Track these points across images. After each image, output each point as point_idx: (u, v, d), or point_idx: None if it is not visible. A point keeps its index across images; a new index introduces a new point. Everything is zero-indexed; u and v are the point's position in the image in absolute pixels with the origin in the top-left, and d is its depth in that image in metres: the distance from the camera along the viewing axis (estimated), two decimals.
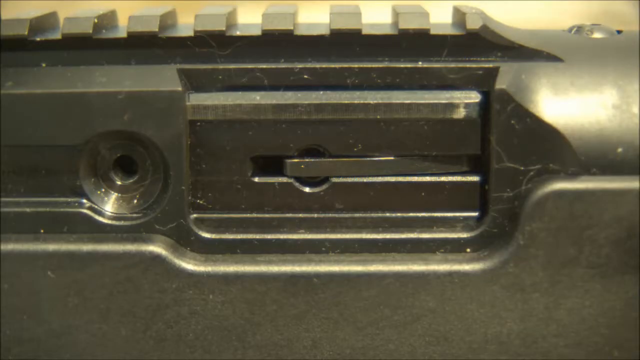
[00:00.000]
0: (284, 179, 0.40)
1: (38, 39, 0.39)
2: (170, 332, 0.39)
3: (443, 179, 0.40)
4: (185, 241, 0.39)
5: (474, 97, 0.39)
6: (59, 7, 0.42)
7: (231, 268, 0.39)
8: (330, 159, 0.40)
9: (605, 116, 0.39)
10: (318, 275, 0.39)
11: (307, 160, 0.39)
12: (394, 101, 0.39)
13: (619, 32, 0.42)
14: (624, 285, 0.39)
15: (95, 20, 0.39)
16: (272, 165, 0.40)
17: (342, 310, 0.39)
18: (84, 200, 0.39)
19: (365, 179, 0.40)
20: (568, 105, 0.39)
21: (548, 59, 0.39)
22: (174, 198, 0.39)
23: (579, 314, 0.39)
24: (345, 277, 0.39)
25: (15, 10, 0.41)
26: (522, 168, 0.39)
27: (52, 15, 0.41)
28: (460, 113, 0.39)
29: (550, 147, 0.39)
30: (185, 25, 0.40)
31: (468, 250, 0.40)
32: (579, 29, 0.41)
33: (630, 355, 0.40)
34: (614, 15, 0.83)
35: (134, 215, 0.39)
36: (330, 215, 0.40)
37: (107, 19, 0.40)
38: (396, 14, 0.40)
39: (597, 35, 0.41)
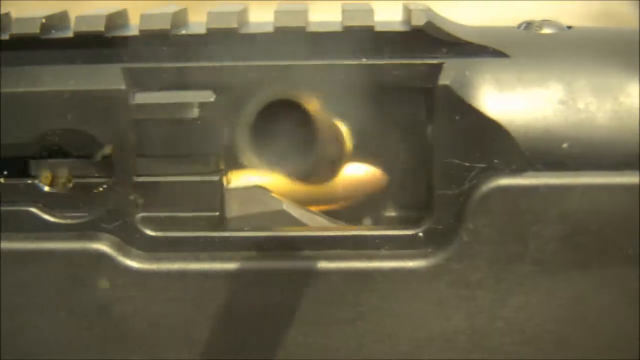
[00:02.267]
0: None
1: None
2: (115, 330, 0.39)
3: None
4: (131, 239, 0.39)
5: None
6: (60, 7, 0.42)
7: (174, 266, 0.39)
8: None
9: (551, 112, 0.39)
10: (261, 272, 0.39)
11: None
12: None
13: (569, 27, 0.41)
14: (570, 281, 0.39)
15: (43, 21, 0.39)
16: None
17: (287, 307, 0.39)
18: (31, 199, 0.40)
19: None
20: (513, 101, 0.39)
21: (494, 55, 0.39)
22: (120, 197, 0.39)
23: (526, 311, 0.39)
24: (288, 273, 0.39)
25: (15, 10, 0.41)
26: (466, 164, 0.39)
27: (6, 17, 0.41)
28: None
29: (495, 143, 0.39)
30: (135, 25, 0.40)
31: (413, 247, 0.39)
32: (528, 25, 0.41)
33: (577, 351, 0.39)
34: (613, 15, 0.83)
35: (81, 214, 0.40)
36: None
37: (57, 19, 0.40)
38: (342, 11, 0.40)
39: (545, 30, 0.41)
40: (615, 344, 0.39)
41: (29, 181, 0.39)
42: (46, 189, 0.40)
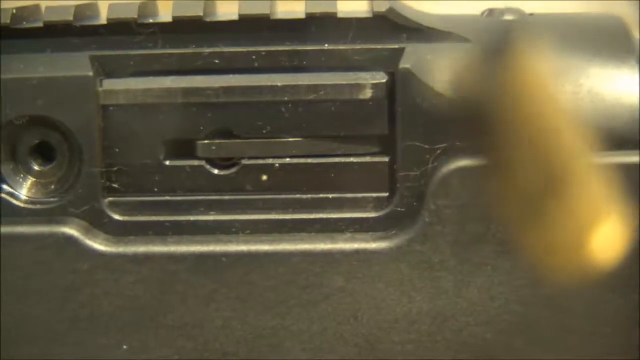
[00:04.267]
0: (196, 162, 0.40)
1: None
2: (84, 312, 0.40)
3: (352, 159, 0.40)
4: (99, 223, 0.40)
5: (380, 77, 0.40)
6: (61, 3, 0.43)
7: (141, 248, 0.40)
8: (241, 140, 0.40)
9: None
10: (226, 255, 0.40)
11: (217, 141, 0.40)
12: (300, 83, 0.40)
13: (531, 14, 0.42)
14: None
15: (14, 11, 0.40)
16: (184, 148, 0.40)
17: (251, 290, 0.40)
18: (4, 186, 0.40)
19: (274, 160, 0.40)
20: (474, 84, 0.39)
21: (455, 40, 0.40)
22: (88, 181, 0.40)
23: (489, 292, 0.39)
24: (252, 256, 0.39)
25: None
26: (427, 146, 0.39)
27: None
28: (367, 93, 0.40)
29: (456, 125, 0.39)
30: (104, 16, 0.41)
31: (377, 229, 0.40)
32: (491, 12, 0.42)
33: (541, 332, 0.39)
34: None
35: (50, 199, 0.40)
36: (240, 196, 0.40)
37: (28, 11, 0.41)
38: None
39: (508, 17, 0.41)
40: (579, 326, 0.39)
41: None
42: (18, 177, 0.41)
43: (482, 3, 0.45)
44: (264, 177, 0.40)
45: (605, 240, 0.38)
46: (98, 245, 0.40)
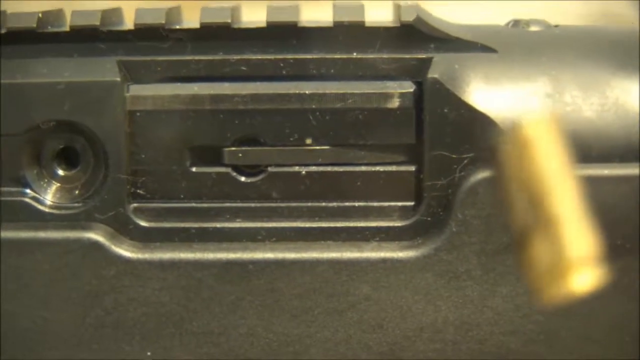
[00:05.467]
0: (222, 169, 0.40)
1: None
2: (108, 318, 0.40)
3: (378, 168, 0.40)
4: (124, 229, 0.40)
5: (408, 86, 0.40)
6: (62, 5, 0.43)
7: (167, 255, 0.40)
8: (267, 148, 0.40)
9: (537, 104, 0.39)
10: (253, 262, 0.40)
11: (244, 148, 0.40)
12: (327, 91, 0.40)
13: (556, 26, 0.42)
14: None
15: (40, 16, 0.40)
16: (210, 154, 0.40)
17: (277, 297, 0.40)
18: (28, 190, 0.40)
19: (301, 168, 0.40)
20: (501, 94, 0.40)
21: (482, 50, 0.40)
22: (113, 187, 0.40)
23: (514, 302, 0.40)
24: (279, 263, 0.39)
25: (15, 9, 0.42)
26: (454, 156, 0.39)
27: (4, 12, 0.42)
28: (395, 102, 0.40)
29: (483, 135, 0.39)
30: (130, 22, 0.41)
31: (403, 238, 0.40)
32: (516, 22, 0.42)
33: (565, 343, 0.40)
34: (613, 16, 0.83)
35: (75, 204, 0.40)
36: (266, 204, 0.40)
37: (53, 16, 0.41)
38: (334, 7, 0.40)
39: (533, 28, 0.42)
40: (600, 334, 0.40)
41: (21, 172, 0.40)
42: (42, 182, 0.41)
43: (484, 4, 0.46)
44: (290, 185, 0.40)
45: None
46: (123, 251, 0.40)
